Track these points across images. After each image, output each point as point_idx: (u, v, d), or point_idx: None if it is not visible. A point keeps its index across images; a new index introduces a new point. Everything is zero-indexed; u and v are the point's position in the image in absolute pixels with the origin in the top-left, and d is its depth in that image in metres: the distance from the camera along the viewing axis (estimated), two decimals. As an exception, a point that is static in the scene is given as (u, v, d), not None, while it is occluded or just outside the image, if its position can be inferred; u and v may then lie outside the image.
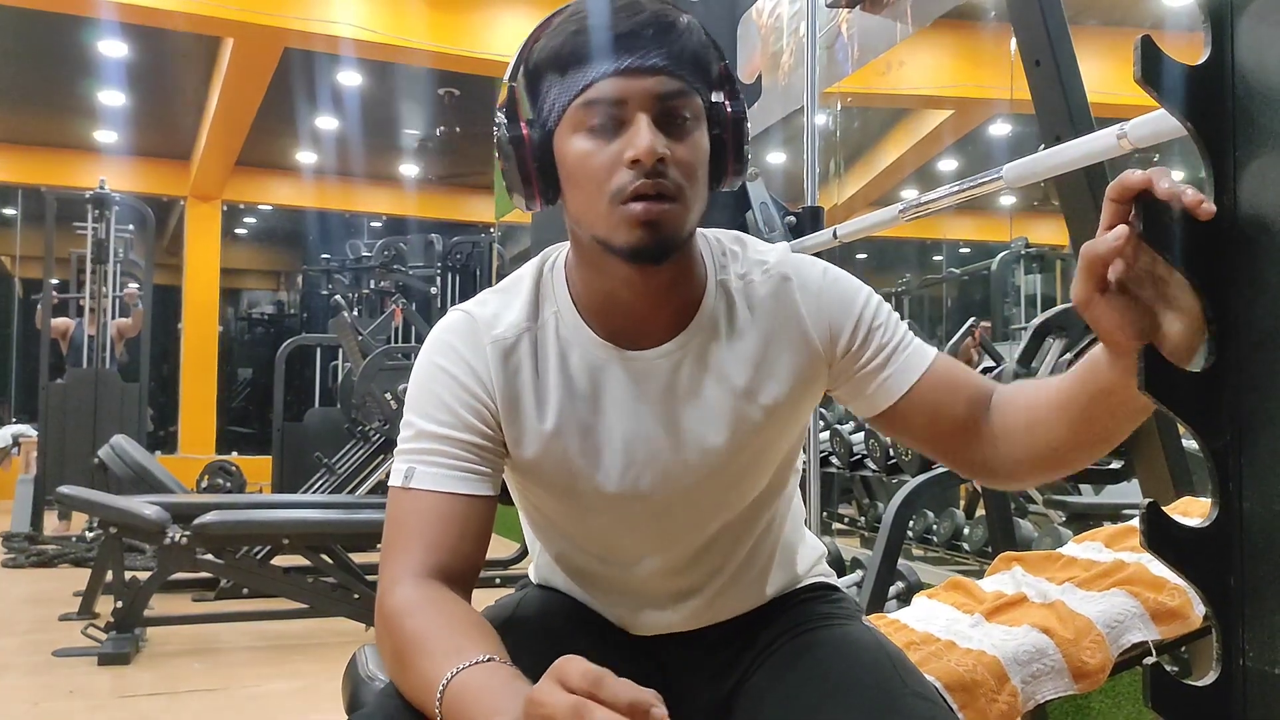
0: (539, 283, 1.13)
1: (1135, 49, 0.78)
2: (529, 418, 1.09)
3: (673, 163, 0.98)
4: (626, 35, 0.99)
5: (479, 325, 1.09)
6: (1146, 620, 1.55)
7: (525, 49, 1.06)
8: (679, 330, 1.10)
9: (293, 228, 13.84)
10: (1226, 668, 0.80)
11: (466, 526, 1.03)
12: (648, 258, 1.00)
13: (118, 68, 8.72)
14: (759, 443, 1.13)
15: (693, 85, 1.01)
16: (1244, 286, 0.79)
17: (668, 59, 0.99)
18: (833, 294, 1.13)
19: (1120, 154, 1.54)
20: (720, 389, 1.10)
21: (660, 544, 1.16)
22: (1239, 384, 0.79)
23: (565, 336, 1.10)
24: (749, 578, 1.22)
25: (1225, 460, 0.80)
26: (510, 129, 1.03)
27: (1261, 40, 0.78)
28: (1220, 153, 0.80)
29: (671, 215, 0.99)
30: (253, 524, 4.21)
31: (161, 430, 11.38)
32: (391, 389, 5.68)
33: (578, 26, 1.00)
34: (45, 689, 3.43)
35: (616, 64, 0.98)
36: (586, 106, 0.99)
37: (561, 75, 1.01)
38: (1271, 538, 0.77)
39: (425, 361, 1.11)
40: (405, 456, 1.06)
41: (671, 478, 1.11)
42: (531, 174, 1.04)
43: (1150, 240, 0.81)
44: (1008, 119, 8.64)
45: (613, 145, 0.99)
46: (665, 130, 0.99)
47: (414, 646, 0.94)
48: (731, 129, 1.06)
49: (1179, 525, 0.79)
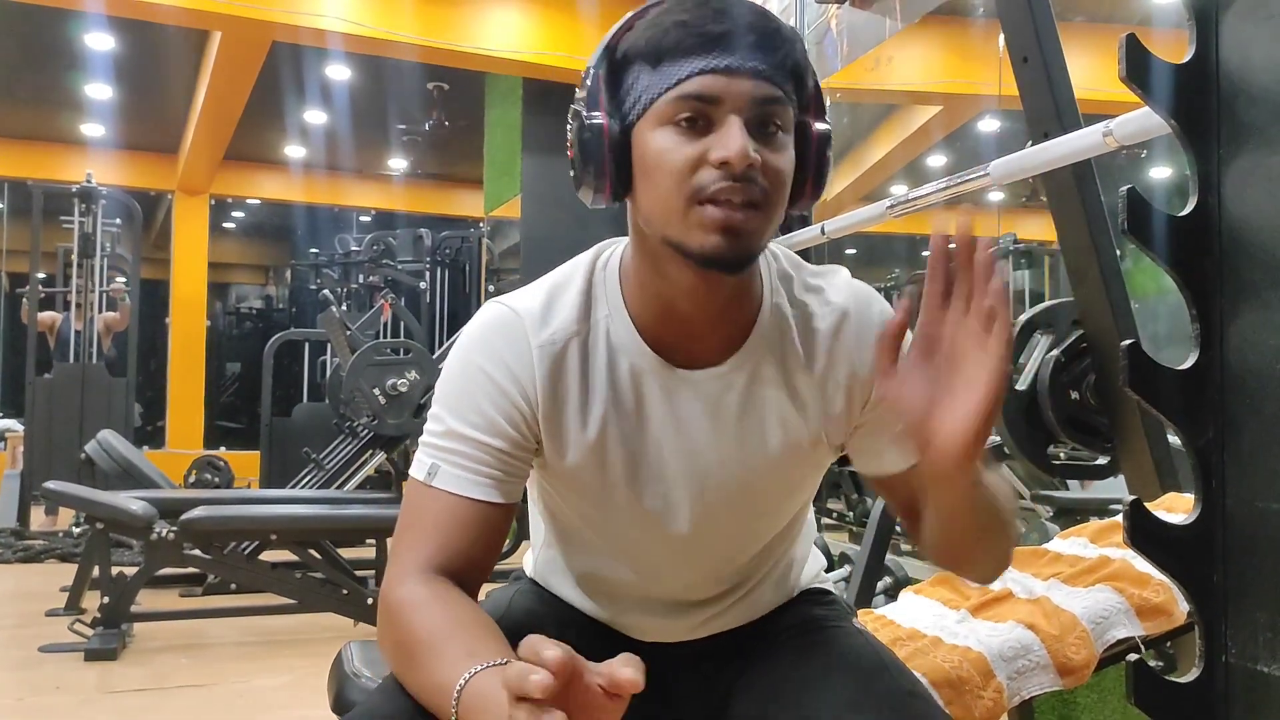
0: (591, 281, 1.08)
1: (1120, 47, 0.78)
2: (571, 425, 1.06)
3: (762, 170, 0.94)
4: (730, 34, 0.95)
5: (525, 324, 1.05)
6: (1131, 616, 1.56)
7: (615, 36, 1.01)
8: (731, 352, 1.06)
9: (281, 222, 13.78)
10: (1209, 664, 0.80)
11: (481, 533, 1.02)
12: (721, 265, 0.96)
13: (105, 61, 8.67)
14: (797, 476, 1.12)
15: (789, 96, 0.98)
16: (1227, 284, 0.79)
17: (768, 64, 0.96)
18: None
19: (1106, 151, 1.55)
20: (768, 419, 1.08)
21: (686, 563, 1.14)
22: (1222, 382, 0.79)
23: (615, 344, 1.06)
24: (761, 592, 1.22)
25: (1208, 457, 0.80)
26: (588, 117, 0.98)
27: (1246, 38, 0.78)
28: (1205, 151, 0.81)
29: (753, 224, 0.95)
30: (241, 519, 4.20)
31: (149, 425, 11.32)
32: (380, 384, 5.66)
33: (680, 18, 0.96)
34: (31, 684, 3.41)
35: (716, 61, 0.94)
36: (679, 101, 0.95)
37: (654, 66, 0.96)
38: (1254, 535, 0.77)
39: (464, 357, 1.06)
40: (431, 451, 1.04)
41: (709, 503, 1.09)
42: (606, 165, 0.98)
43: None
44: (996, 115, 8.65)
45: (700, 143, 0.94)
46: (756, 137, 0.95)
47: (423, 644, 0.93)
48: (817, 149, 1.02)
49: (1162, 522, 0.80)
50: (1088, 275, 2.23)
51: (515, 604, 1.22)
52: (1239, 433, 0.79)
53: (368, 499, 5.50)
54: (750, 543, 1.15)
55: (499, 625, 1.14)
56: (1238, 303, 0.80)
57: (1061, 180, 2.16)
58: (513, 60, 7.36)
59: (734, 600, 1.20)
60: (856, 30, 3.24)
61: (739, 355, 1.06)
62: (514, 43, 7.36)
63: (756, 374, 1.07)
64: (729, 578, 1.17)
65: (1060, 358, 2.43)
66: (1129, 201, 0.80)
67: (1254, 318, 0.78)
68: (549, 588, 1.26)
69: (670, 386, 1.06)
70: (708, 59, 0.94)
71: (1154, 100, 0.81)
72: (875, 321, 1.08)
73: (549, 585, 1.26)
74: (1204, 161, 0.81)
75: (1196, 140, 0.81)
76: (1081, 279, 2.27)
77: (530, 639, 0.75)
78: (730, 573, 1.17)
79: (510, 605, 1.21)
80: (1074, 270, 2.28)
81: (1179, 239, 0.81)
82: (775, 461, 1.08)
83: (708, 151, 0.94)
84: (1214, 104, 0.81)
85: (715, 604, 1.19)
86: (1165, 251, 0.81)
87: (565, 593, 1.24)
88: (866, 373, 1.07)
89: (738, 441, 1.07)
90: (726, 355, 1.06)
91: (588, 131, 0.98)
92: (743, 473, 1.08)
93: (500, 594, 1.26)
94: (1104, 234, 2.18)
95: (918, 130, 9.46)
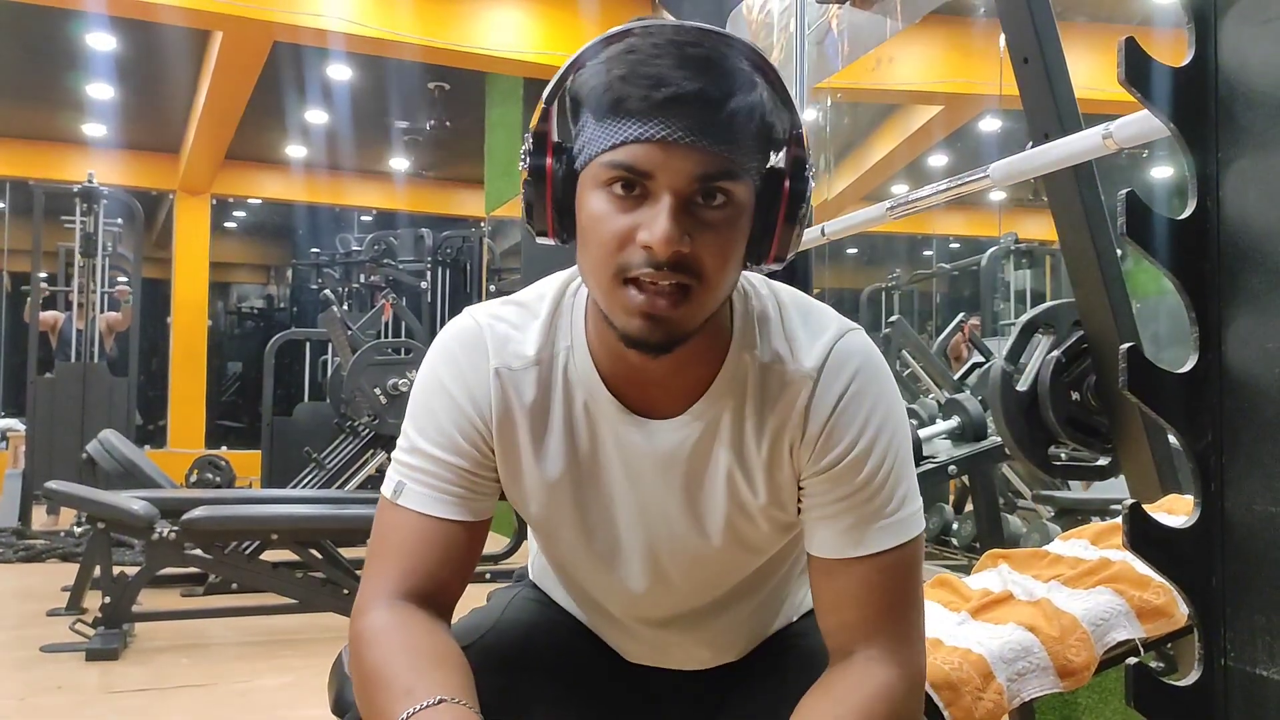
0: (558, 309, 1.02)
1: (1119, 50, 0.78)
2: (524, 454, 1.02)
3: (693, 257, 0.86)
4: (675, 99, 0.84)
5: (487, 344, 1.01)
6: (1132, 618, 1.55)
7: (566, 72, 0.92)
8: (690, 402, 0.99)
9: (282, 222, 13.79)
10: (1208, 667, 0.80)
11: (448, 552, 0.99)
12: (644, 348, 0.90)
13: (106, 61, 8.67)
14: (754, 538, 1.05)
15: (743, 166, 0.88)
16: (1226, 288, 0.79)
17: (716, 136, 0.85)
18: (838, 425, 0.97)
19: (1106, 153, 1.55)
20: (715, 479, 1.01)
21: (649, 605, 1.10)
22: (1221, 386, 0.79)
23: (574, 378, 1.01)
24: (755, 625, 1.18)
25: (1207, 460, 0.80)
26: (535, 156, 0.91)
27: (1245, 41, 0.78)
28: (1203, 154, 0.81)
29: (679, 312, 0.87)
30: (242, 519, 4.20)
31: (150, 425, 11.34)
32: (381, 384, 5.67)
33: (624, 71, 0.85)
34: (33, 684, 3.41)
35: (654, 130, 0.84)
36: (611, 167, 0.86)
37: (597, 119, 0.88)
38: (1253, 538, 0.77)
39: (429, 370, 1.04)
40: (398, 468, 1.02)
41: (659, 559, 1.05)
42: (549, 210, 0.92)
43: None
44: (997, 114, 8.64)
45: (630, 216, 0.86)
46: (696, 214, 0.86)
47: (372, 680, 0.92)
48: (786, 208, 0.91)
49: (1161, 526, 0.79)
50: (1088, 276, 2.23)
51: (509, 612, 1.19)
52: (1238, 436, 0.79)
53: (369, 499, 5.49)
54: (715, 597, 1.10)
55: (491, 632, 1.12)
56: (1237, 306, 0.80)
57: (1062, 181, 2.16)
58: (513, 60, 7.36)
59: (720, 644, 1.16)
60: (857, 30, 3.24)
61: (696, 407, 0.99)
62: (515, 42, 7.36)
63: (711, 430, 1.00)
64: (705, 624, 1.13)
65: (1061, 358, 2.43)
66: (1128, 205, 0.80)
67: (1253, 321, 0.78)
68: (547, 591, 1.25)
69: (624, 432, 1.00)
70: (645, 127, 0.84)
71: (1153, 103, 0.81)
72: (832, 398, 0.97)
73: (546, 589, 1.25)
74: (1203, 165, 0.81)
75: (1195, 143, 0.81)
76: (1082, 280, 2.27)
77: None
78: (705, 620, 1.12)
79: (504, 613, 1.18)
80: (1075, 271, 2.28)
81: (1178, 242, 0.81)
82: (721, 526, 1.02)
83: (638, 228, 0.86)
84: (1213, 107, 0.81)
85: (697, 645, 1.16)
86: (1164, 255, 0.81)
87: (560, 599, 1.23)
88: (809, 441, 0.98)
89: (684, 501, 1.02)
90: (685, 406, 0.99)
91: (532, 174, 0.92)
92: (688, 534, 1.03)
93: (499, 597, 1.25)
94: (1105, 235, 2.18)
95: (918, 130, 9.46)
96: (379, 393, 5.63)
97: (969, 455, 3.51)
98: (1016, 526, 4.26)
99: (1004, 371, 2.53)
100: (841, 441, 0.97)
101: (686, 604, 1.10)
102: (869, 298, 9.91)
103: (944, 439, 3.75)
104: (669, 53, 0.85)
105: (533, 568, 1.28)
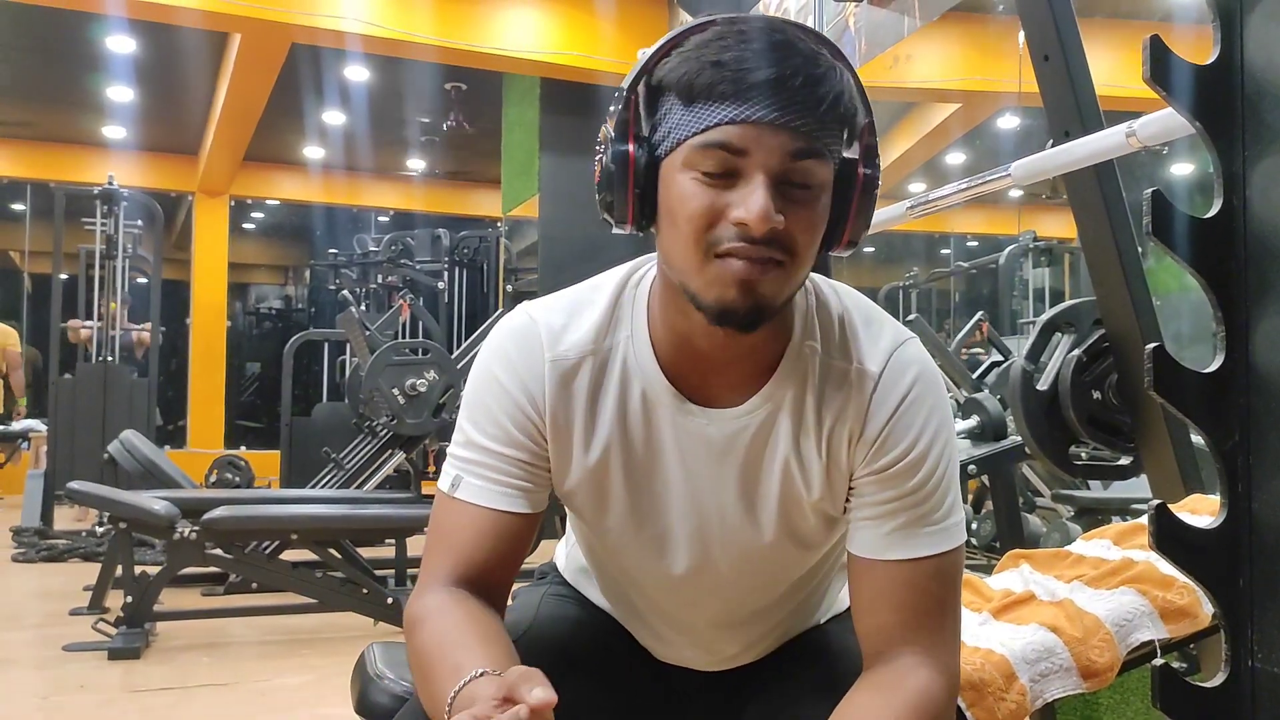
0: (618, 300, 1.04)
1: (1144, 48, 0.78)
2: (576, 445, 1.03)
3: (785, 233, 0.88)
4: (767, 82, 0.87)
5: (541, 336, 1.02)
6: (1155, 619, 1.54)
7: (651, 60, 0.94)
8: (751, 393, 1.00)
9: (300, 223, 13.84)
10: (1235, 669, 0.79)
11: (502, 543, 1.01)
12: (735, 322, 0.91)
13: (126, 63, 8.72)
14: (805, 531, 1.06)
15: (828, 149, 0.90)
16: (1253, 286, 0.79)
17: (806, 117, 0.88)
18: (897, 428, 0.99)
19: (1129, 151, 1.54)
20: (771, 471, 1.02)
21: (689, 603, 1.11)
22: (1248, 385, 0.78)
23: (631, 368, 1.02)
24: (790, 624, 1.19)
25: (1234, 461, 0.79)
26: (617, 144, 0.93)
27: (1272, 39, 0.78)
28: (1229, 152, 0.80)
29: (771, 282, 0.89)
30: (261, 519, 4.22)
31: (170, 425, 11.41)
32: (399, 384, 5.67)
33: (717, 56, 0.88)
34: (55, 683, 3.44)
35: (748, 111, 0.87)
36: (704, 149, 0.88)
37: (685, 104, 0.90)
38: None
39: (483, 365, 1.05)
40: (454, 462, 1.04)
41: (708, 548, 1.06)
42: (630, 197, 0.93)
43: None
44: (1016, 112, 8.60)
45: (723, 196, 0.88)
46: (785, 193, 0.88)
47: (426, 660, 0.94)
48: (860, 194, 0.94)
49: (1187, 526, 0.79)
50: (1110, 275, 2.22)
51: (543, 610, 1.20)
52: (1265, 436, 0.78)
53: (387, 499, 5.52)
54: (759, 592, 1.11)
55: (529, 632, 1.13)
56: (1264, 305, 0.79)
57: (1083, 179, 2.15)
58: (530, 60, 7.37)
59: (753, 640, 1.16)
60: (875, 28, 3.24)
61: (757, 398, 1.01)
62: (532, 42, 7.37)
63: (770, 420, 1.01)
64: (744, 620, 1.14)
65: (1082, 357, 2.41)
66: (1154, 204, 0.79)
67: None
68: (578, 587, 1.25)
69: (681, 421, 1.02)
70: (739, 108, 0.87)
71: (1178, 101, 0.80)
72: (893, 401, 0.99)
73: (579, 585, 1.25)
74: (1229, 163, 0.81)
75: (1221, 142, 0.81)
76: (1103, 278, 2.25)
77: (527, 676, 0.80)
78: (745, 615, 1.13)
79: (539, 611, 1.20)
80: (1096, 270, 2.26)
81: (1204, 241, 0.80)
82: (774, 517, 1.03)
83: (729, 207, 0.88)
84: (1239, 105, 0.80)
85: (731, 641, 1.16)
86: (1190, 254, 0.81)
87: (593, 595, 1.23)
88: (867, 441, 1.00)
89: (739, 492, 1.03)
90: (745, 396, 1.01)
91: (615, 161, 0.93)
92: (741, 525, 1.04)
93: (528, 595, 1.26)
94: (1126, 233, 2.17)
95: (936, 127, 9.43)
96: (397, 393, 5.64)
97: (988, 455, 3.49)
98: (1036, 526, 4.24)
99: (1024, 370, 2.52)
100: (899, 445, 0.99)
101: (728, 599, 1.11)
102: (886, 296, 9.88)
103: (963, 438, 3.74)
104: (757, 39, 0.88)
105: (564, 565, 1.29)
